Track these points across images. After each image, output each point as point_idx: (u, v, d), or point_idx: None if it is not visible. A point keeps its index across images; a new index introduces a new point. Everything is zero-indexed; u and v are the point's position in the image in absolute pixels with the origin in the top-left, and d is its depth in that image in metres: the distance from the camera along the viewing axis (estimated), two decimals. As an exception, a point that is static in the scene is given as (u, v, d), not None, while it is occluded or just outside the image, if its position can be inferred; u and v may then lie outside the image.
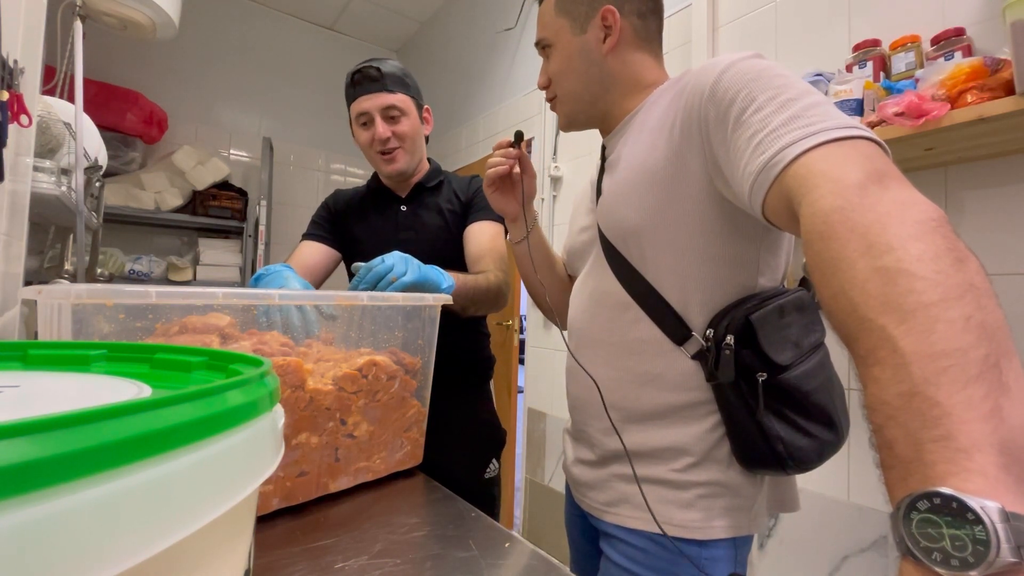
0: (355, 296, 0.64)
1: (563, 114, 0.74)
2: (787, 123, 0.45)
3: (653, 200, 0.60)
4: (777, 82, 0.49)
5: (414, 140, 1.06)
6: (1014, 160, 1.00)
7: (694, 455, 0.60)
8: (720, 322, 0.57)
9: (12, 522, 0.13)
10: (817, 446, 0.56)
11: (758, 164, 0.46)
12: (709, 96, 0.53)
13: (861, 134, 0.43)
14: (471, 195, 1.11)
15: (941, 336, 0.30)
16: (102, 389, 0.26)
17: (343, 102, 1.10)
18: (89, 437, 0.15)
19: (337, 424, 0.63)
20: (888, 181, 0.38)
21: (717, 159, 0.54)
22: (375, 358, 0.67)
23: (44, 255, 1.63)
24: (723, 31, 1.57)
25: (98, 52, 2.29)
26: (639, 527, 0.61)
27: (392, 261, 0.75)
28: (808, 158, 0.42)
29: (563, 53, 0.70)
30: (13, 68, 0.86)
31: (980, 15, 1.03)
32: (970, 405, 0.28)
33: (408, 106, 1.04)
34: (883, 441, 0.31)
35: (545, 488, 2.23)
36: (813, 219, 0.39)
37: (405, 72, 1.07)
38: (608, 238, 0.66)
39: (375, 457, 0.69)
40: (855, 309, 0.35)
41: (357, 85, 1.02)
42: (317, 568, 0.46)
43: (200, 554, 0.20)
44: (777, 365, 0.55)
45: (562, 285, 0.87)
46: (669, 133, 0.59)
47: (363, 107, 1.02)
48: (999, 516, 0.25)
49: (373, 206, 1.14)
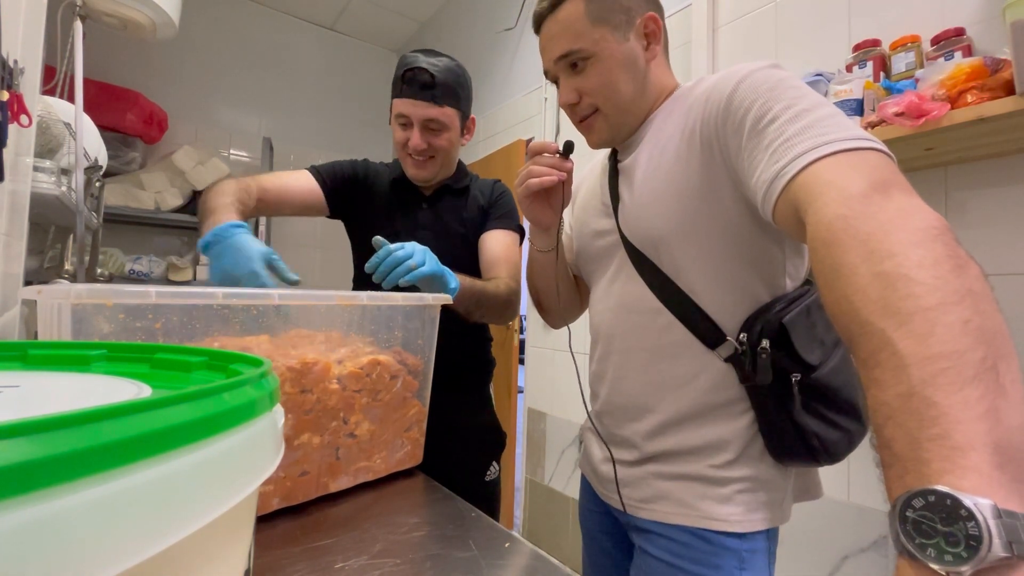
0: (354, 296, 0.64)
1: (606, 129, 0.69)
2: (800, 133, 0.47)
3: (683, 208, 0.61)
4: (792, 93, 0.51)
5: (448, 153, 1.03)
6: (1014, 160, 1.00)
7: (731, 452, 0.61)
8: (753, 326, 0.58)
9: (12, 522, 0.13)
10: (848, 438, 0.59)
11: (771, 172, 0.48)
12: (726, 105, 0.55)
13: (870, 145, 0.44)
14: (493, 200, 1.09)
15: (939, 339, 0.31)
16: (102, 389, 0.26)
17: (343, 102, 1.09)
18: (89, 437, 0.15)
19: (340, 423, 0.64)
20: (892, 190, 0.39)
21: (735, 167, 0.55)
22: (379, 357, 0.67)
23: (44, 255, 1.63)
24: (723, 31, 1.57)
25: (98, 52, 2.29)
26: (679, 522, 0.62)
27: (412, 249, 0.75)
28: (816, 167, 0.44)
29: (608, 63, 0.64)
30: (13, 68, 0.86)
31: (980, 15, 1.03)
32: (966, 405, 0.29)
33: (452, 120, 0.99)
34: (883, 440, 0.32)
35: (545, 488, 2.22)
36: (818, 226, 0.41)
37: (460, 80, 1.00)
38: (636, 245, 0.66)
39: (375, 457, 0.69)
40: (857, 313, 0.36)
41: (406, 83, 0.96)
42: (317, 568, 0.46)
43: (200, 554, 0.20)
44: (810, 365, 0.57)
45: (573, 289, 0.88)
46: (690, 142, 0.60)
47: (405, 111, 0.96)
48: (992, 513, 0.26)
49: (396, 197, 1.09)
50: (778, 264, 0.61)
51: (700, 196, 0.59)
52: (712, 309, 0.61)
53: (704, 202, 0.59)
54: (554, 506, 2.17)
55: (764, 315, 0.58)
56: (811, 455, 0.58)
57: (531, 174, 0.71)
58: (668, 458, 0.64)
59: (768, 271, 0.61)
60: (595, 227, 0.75)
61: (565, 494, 2.11)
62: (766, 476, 0.61)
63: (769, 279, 0.61)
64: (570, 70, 0.66)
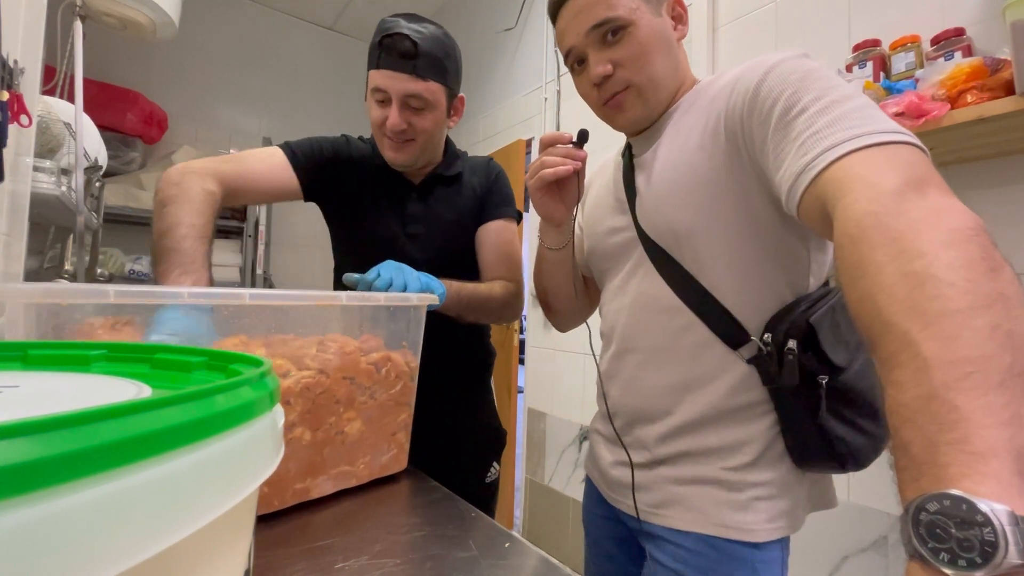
0: (334, 296, 0.60)
1: (639, 106, 0.64)
2: (830, 125, 0.45)
3: (706, 202, 0.58)
4: (823, 84, 0.48)
5: (432, 135, 0.90)
6: (1014, 160, 1.00)
7: (749, 454, 0.59)
8: (778, 326, 0.56)
9: (12, 522, 0.13)
10: (873, 443, 0.57)
11: (798, 166, 0.46)
12: (753, 95, 0.53)
13: (904, 139, 0.42)
14: (489, 185, 1.01)
15: (965, 343, 0.30)
16: (102, 389, 0.26)
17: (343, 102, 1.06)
18: (89, 437, 0.15)
19: (338, 418, 0.62)
20: (927, 188, 0.38)
21: (759, 160, 0.54)
22: (391, 354, 0.66)
23: (44, 255, 1.63)
24: (723, 31, 1.57)
25: (98, 52, 2.28)
26: (690, 528, 0.60)
27: (388, 275, 0.71)
28: (847, 161, 0.42)
29: (645, 33, 0.61)
30: (13, 68, 0.86)
31: (980, 15, 1.03)
32: (989, 411, 0.28)
33: (437, 97, 0.87)
34: (899, 443, 0.32)
35: (545, 488, 2.22)
36: (846, 223, 0.39)
37: (447, 50, 0.86)
38: (655, 241, 0.63)
39: (359, 461, 0.66)
40: (880, 313, 0.35)
41: (384, 52, 0.83)
42: (317, 568, 0.46)
43: (200, 554, 0.20)
44: (837, 367, 0.55)
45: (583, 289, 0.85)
46: (715, 133, 0.58)
47: (383, 84, 0.84)
48: (1008, 519, 0.25)
49: (383, 186, 0.97)
50: (803, 262, 0.59)
51: (725, 189, 0.57)
52: (736, 308, 0.58)
53: (729, 195, 0.57)
54: (554, 506, 2.17)
55: (789, 315, 0.56)
56: (836, 460, 0.56)
57: (544, 164, 0.67)
58: (682, 460, 0.62)
59: (793, 269, 0.59)
60: (609, 224, 0.72)
61: (565, 494, 2.11)
62: (784, 481, 0.59)
63: (793, 278, 0.59)
64: (601, 42, 0.62)
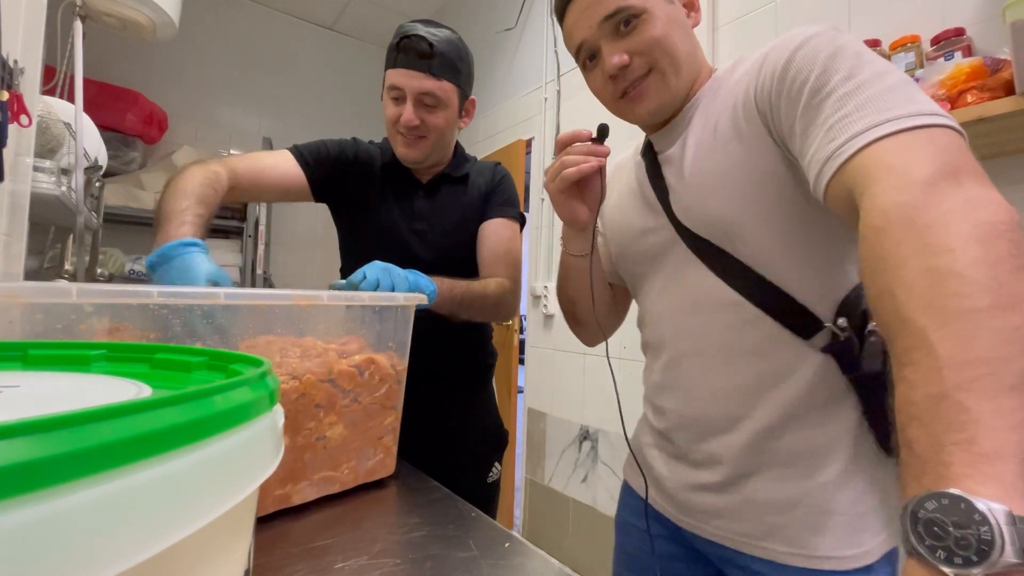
0: (315, 296, 0.59)
1: (663, 91, 0.61)
2: (860, 108, 0.42)
3: (751, 187, 0.55)
4: (853, 61, 0.46)
5: (444, 134, 0.95)
6: (1014, 160, 1.00)
7: (841, 459, 0.54)
8: (853, 308, 0.52)
9: (12, 522, 0.13)
10: None
11: (826, 152, 0.44)
12: (782, 73, 0.50)
13: (940, 122, 0.40)
14: (494, 185, 1.03)
15: (981, 344, 0.30)
16: (102, 389, 0.26)
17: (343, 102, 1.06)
18: (89, 437, 0.15)
19: (319, 423, 0.60)
20: (962, 177, 0.36)
21: (788, 141, 0.51)
22: (375, 356, 0.65)
23: (44, 255, 1.63)
24: (723, 31, 1.57)
25: (98, 52, 2.28)
26: (791, 563, 0.54)
27: (375, 276, 0.71)
28: (876, 148, 0.40)
29: (662, 18, 0.59)
30: (13, 68, 0.86)
31: (980, 15, 1.03)
32: (1000, 413, 0.28)
33: (450, 96, 0.92)
34: (904, 439, 0.31)
35: (545, 488, 2.22)
36: (872, 213, 0.38)
37: (460, 54, 0.92)
38: (700, 235, 0.59)
39: (343, 467, 0.64)
40: (898, 308, 0.34)
41: (401, 53, 0.88)
42: (317, 568, 0.46)
43: (200, 554, 0.20)
44: None
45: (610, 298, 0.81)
46: (747, 114, 0.55)
47: (399, 82, 0.89)
48: (1006, 519, 0.26)
49: (390, 184, 1.01)
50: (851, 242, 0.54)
51: (768, 172, 0.54)
52: (802, 295, 0.54)
53: (772, 178, 0.54)
54: (554, 506, 2.16)
55: (863, 295, 0.52)
56: None
57: (565, 164, 0.63)
58: (768, 474, 0.56)
59: (845, 249, 0.55)
60: (639, 225, 0.68)
61: (565, 494, 2.11)
62: (884, 479, 0.54)
63: (846, 257, 0.55)
64: (615, 33, 0.60)
